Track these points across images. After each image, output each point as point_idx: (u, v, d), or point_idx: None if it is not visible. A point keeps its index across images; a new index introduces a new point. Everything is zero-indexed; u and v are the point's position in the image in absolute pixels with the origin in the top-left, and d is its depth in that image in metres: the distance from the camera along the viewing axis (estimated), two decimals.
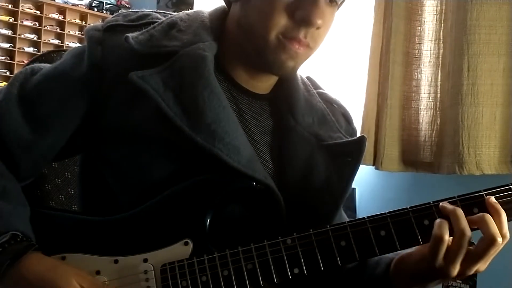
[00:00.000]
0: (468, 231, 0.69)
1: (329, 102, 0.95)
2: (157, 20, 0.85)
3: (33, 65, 0.87)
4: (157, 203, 0.77)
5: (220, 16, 0.87)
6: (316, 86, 0.97)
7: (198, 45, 0.80)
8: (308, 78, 0.97)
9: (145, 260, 0.74)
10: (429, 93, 1.96)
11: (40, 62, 0.92)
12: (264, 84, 0.88)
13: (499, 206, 0.70)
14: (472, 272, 0.72)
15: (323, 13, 0.77)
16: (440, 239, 0.69)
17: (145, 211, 0.77)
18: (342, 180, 0.84)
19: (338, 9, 0.84)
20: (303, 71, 0.96)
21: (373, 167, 1.98)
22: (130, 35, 0.80)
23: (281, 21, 0.77)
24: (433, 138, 1.93)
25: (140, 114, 0.78)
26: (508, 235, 0.71)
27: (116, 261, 0.75)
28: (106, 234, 0.78)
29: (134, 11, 0.89)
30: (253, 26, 0.79)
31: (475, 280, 1.83)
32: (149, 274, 0.73)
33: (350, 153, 0.85)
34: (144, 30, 0.82)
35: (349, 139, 0.88)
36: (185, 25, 0.84)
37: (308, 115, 0.88)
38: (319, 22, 0.77)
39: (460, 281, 1.85)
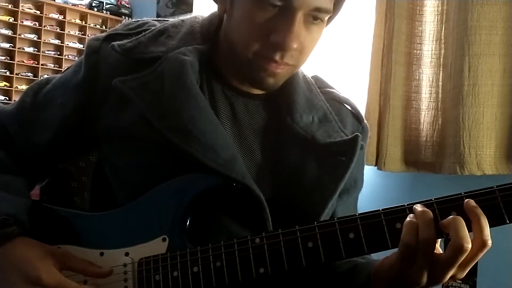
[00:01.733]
0: (433, 237, 0.64)
1: (337, 101, 0.94)
2: (153, 27, 0.88)
3: (48, 76, 0.95)
4: (141, 200, 0.80)
5: (214, 21, 0.88)
6: (324, 85, 0.96)
7: (181, 50, 0.83)
8: (314, 77, 0.97)
9: (126, 254, 0.78)
10: (430, 93, 1.97)
11: None
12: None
13: (479, 210, 0.63)
14: (445, 279, 0.66)
15: (298, 36, 0.76)
16: (407, 245, 0.65)
17: (131, 208, 0.81)
18: (334, 180, 0.83)
19: (330, 21, 0.84)
20: (306, 71, 0.95)
21: (376, 167, 1.99)
22: (116, 43, 0.84)
23: (257, 42, 0.77)
24: (434, 138, 1.94)
25: (128, 117, 0.81)
26: (489, 242, 0.63)
27: (101, 254, 0.79)
28: (96, 228, 0.82)
29: (135, 20, 0.92)
30: (234, 42, 0.81)
31: (475, 280, 1.83)
32: (128, 267, 0.77)
33: (344, 153, 0.85)
34: (133, 38, 0.85)
35: (344, 139, 0.87)
36: (175, 31, 0.87)
37: (307, 114, 0.88)
38: (294, 46, 0.76)
39: (460, 281, 1.85)
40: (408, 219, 0.66)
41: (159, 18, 0.93)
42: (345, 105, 0.95)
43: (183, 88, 0.80)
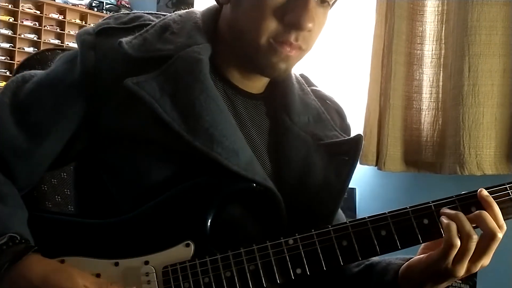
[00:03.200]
0: (474, 234, 0.70)
1: (323, 99, 0.95)
2: (150, 22, 0.84)
3: (24, 73, 0.86)
4: (158, 205, 0.77)
5: (212, 16, 0.87)
6: (310, 84, 0.96)
7: (193, 48, 0.80)
8: (301, 75, 0.96)
9: (146, 263, 0.74)
10: (431, 93, 1.97)
11: (35, 61, 0.90)
12: (258, 84, 0.88)
13: (491, 199, 0.72)
14: (477, 268, 0.72)
15: (313, 16, 0.76)
16: (452, 245, 0.70)
17: (145, 213, 0.77)
18: (340, 179, 0.83)
19: (331, 7, 0.83)
20: (302, 70, 0.96)
21: (376, 167, 1.99)
22: (123, 40, 0.79)
23: (271, 25, 0.76)
24: (434, 139, 1.94)
25: (137, 119, 0.78)
26: (504, 225, 0.72)
27: (116, 264, 0.74)
28: (105, 236, 0.77)
29: (125, 14, 0.88)
30: (243, 31, 0.79)
31: (475, 280, 1.83)
32: (150, 276, 0.73)
33: (347, 152, 0.85)
34: (137, 34, 0.81)
35: (346, 138, 0.87)
36: (178, 27, 0.84)
37: (304, 115, 0.88)
38: (310, 25, 0.76)
39: (460, 281, 1.85)
40: (445, 221, 0.71)
41: (150, 11, 0.90)
42: (329, 102, 0.95)
43: (203, 90, 0.77)
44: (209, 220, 0.75)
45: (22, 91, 0.82)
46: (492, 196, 0.72)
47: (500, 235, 0.70)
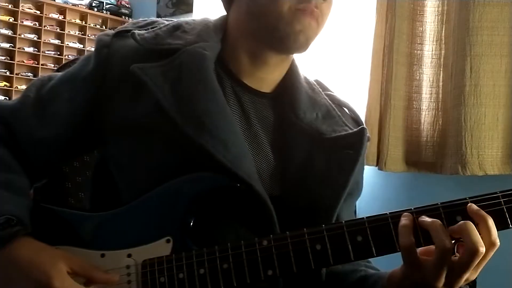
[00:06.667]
0: (448, 244, 0.64)
1: (338, 104, 0.95)
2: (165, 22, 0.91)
3: (51, 73, 0.94)
4: (144, 200, 0.79)
5: (222, 22, 0.91)
6: (324, 88, 0.98)
7: (200, 44, 0.84)
8: (316, 81, 0.98)
9: (129, 255, 0.76)
10: (431, 93, 1.97)
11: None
12: (267, 80, 0.90)
13: (482, 212, 0.66)
14: (461, 283, 0.68)
15: None
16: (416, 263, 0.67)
17: (133, 208, 0.80)
18: (343, 173, 0.83)
19: None
20: (307, 73, 0.97)
21: (377, 167, 1.99)
22: (136, 31, 0.85)
23: None
24: (435, 139, 1.94)
25: (142, 107, 0.81)
26: (497, 241, 0.65)
27: (103, 255, 0.77)
28: (96, 228, 0.81)
29: (143, 19, 0.94)
30: (264, 6, 0.82)
31: (475, 281, 1.83)
32: (131, 269, 0.76)
33: (351, 146, 0.85)
34: (150, 30, 0.87)
35: (350, 131, 0.88)
36: (189, 28, 0.89)
37: (311, 111, 0.89)
38: None
39: None
40: (403, 222, 0.67)
41: (166, 19, 0.95)
42: (345, 108, 0.96)
43: (201, 81, 0.80)
44: (189, 216, 0.77)
45: (46, 87, 0.90)
46: (482, 205, 0.66)
47: (482, 250, 0.64)
